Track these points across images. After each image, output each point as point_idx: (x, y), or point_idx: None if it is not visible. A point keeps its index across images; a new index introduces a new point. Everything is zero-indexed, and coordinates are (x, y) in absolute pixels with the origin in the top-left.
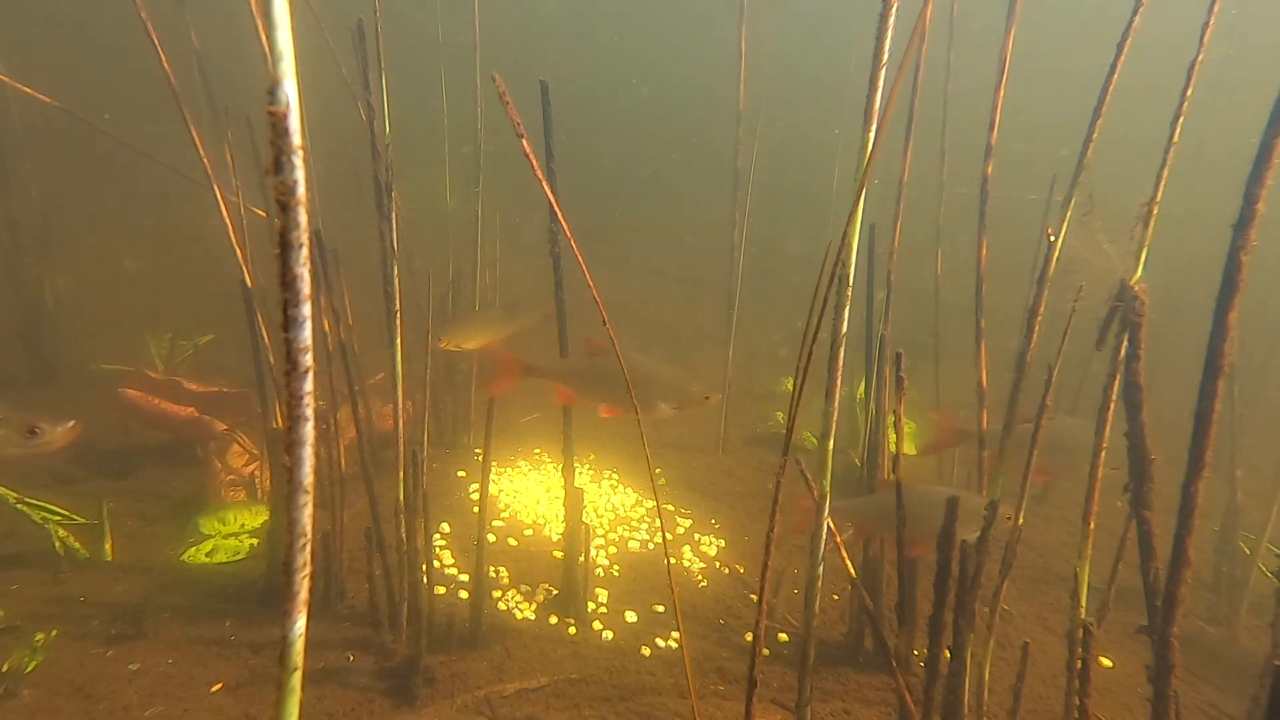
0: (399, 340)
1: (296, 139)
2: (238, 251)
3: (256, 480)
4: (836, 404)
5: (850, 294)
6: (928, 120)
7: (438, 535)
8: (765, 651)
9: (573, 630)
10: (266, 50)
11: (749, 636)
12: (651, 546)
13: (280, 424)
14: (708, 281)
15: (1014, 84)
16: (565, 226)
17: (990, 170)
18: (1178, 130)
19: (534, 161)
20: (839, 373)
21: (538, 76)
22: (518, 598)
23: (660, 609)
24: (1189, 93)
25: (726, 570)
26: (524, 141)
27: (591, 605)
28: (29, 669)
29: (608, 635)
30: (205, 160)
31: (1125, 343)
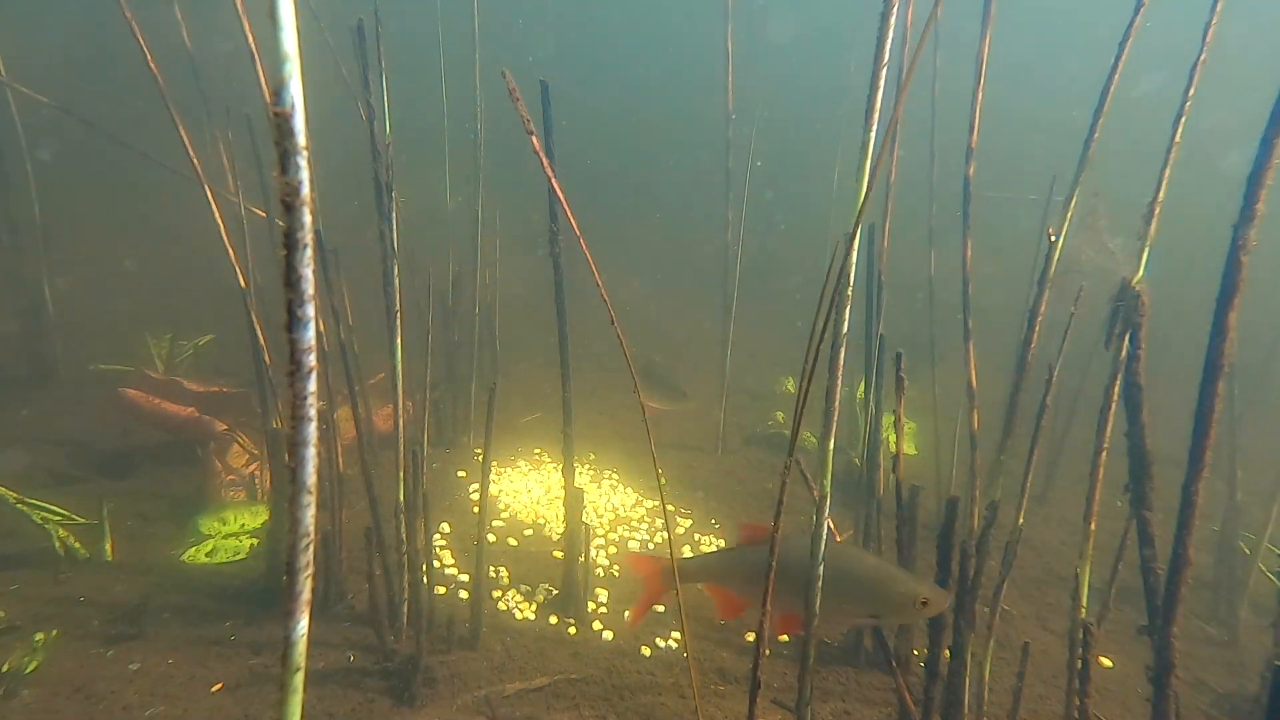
0: (399, 340)
1: (302, 139)
2: (230, 252)
3: (256, 480)
4: (837, 404)
5: (850, 294)
6: (926, 120)
7: (438, 535)
8: (765, 651)
9: (573, 630)
10: (254, 52)
11: (749, 636)
12: (652, 546)
13: (280, 424)
14: (707, 282)
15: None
16: (574, 223)
17: (971, 172)
18: (1179, 130)
19: (543, 159)
20: (839, 373)
21: (537, 76)
22: (518, 598)
23: (660, 609)
24: (1191, 91)
25: None
26: (533, 139)
27: (591, 605)
28: (29, 669)
29: (608, 635)
30: (194, 160)
31: (1126, 343)
